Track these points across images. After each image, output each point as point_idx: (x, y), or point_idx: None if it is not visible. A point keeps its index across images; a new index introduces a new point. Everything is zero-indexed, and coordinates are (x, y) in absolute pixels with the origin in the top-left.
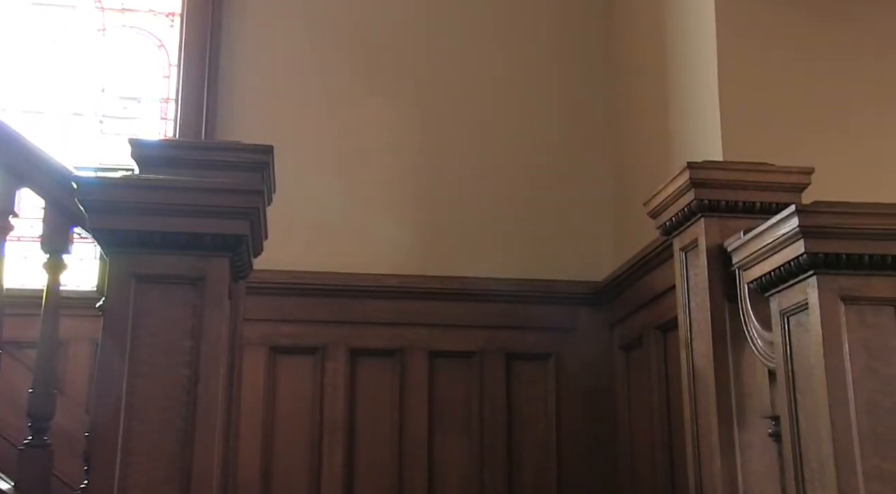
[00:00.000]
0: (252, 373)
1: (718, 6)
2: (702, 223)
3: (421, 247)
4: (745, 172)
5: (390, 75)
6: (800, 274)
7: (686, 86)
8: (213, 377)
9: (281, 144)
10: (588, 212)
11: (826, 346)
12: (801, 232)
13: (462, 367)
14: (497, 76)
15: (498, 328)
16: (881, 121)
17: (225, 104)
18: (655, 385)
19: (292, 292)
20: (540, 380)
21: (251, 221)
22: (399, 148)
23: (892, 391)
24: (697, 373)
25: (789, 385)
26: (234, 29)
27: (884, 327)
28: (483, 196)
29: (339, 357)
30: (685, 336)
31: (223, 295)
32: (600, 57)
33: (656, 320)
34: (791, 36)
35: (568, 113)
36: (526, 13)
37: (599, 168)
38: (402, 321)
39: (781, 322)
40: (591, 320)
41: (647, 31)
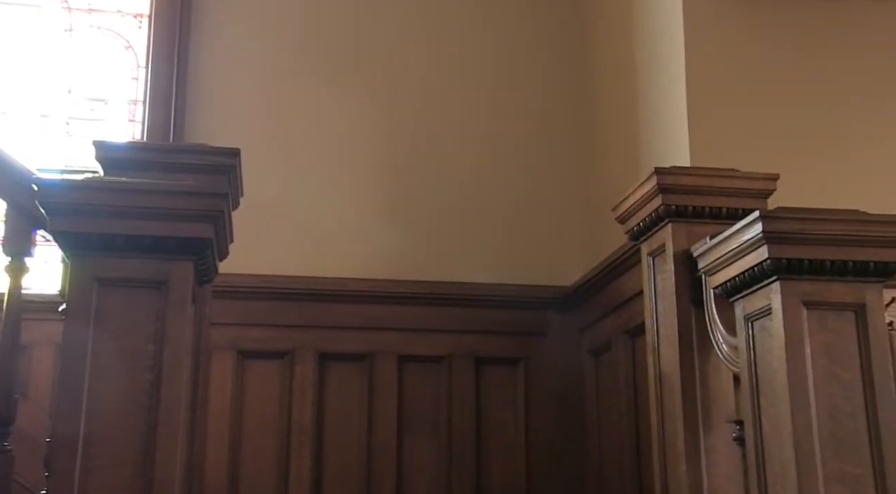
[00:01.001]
0: (220, 377)
1: (687, 16)
2: (669, 228)
3: (390, 251)
4: (712, 178)
5: (361, 78)
6: (763, 280)
7: (655, 93)
8: (177, 381)
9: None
10: (558, 217)
11: (788, 351)
12: (765, 237)
13: (431, 372)
14: (469, 81)
15: (467, 332)
16: (845, 129)
17: (194, 106)
18: (623, 389)
19: (260, 296)
20: (509, 385)
21: (215, 224)
22: (369, 152)
23: (852, 395)
24: (664, 378)
25: (753, 389)
26: (203, 30)
27: (844, 332)
28: (453, 201)
29: (308, 361)
30: (652, 341)
31: (186, 298)
32: (571, 65)
33: (625, 325)
34: (757, 45)
35: (538, 119)
36: (498, 20)
37: (569, 173)
38: (371, 325)
39: (746, 327)
40: (560, 325)
41: (617, 40)
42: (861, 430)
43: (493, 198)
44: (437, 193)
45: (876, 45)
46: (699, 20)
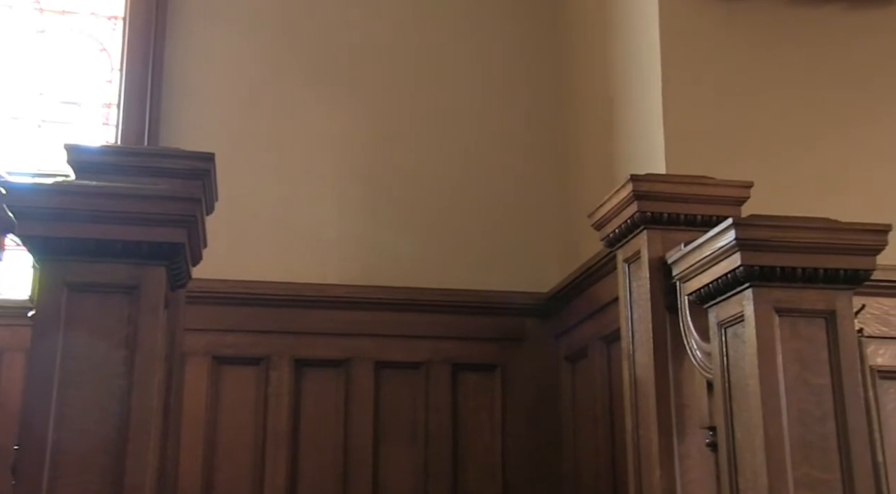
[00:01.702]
0: (194, 383)
1: (663, 25)
2: (644, 235)
3: (367, 257)
4: (687, 185)
5: (338, 82)
6: (736, 287)
7: (631, 101)
8: (148, 387)
9: (225, 151)
10: (535, 224)
11: (760, 357)
12: (738, 245)
13: (408, 378)
14: (449, 88)
15: (444, 338)
16: (818, 138)
17: (169, 110)
18: (599, 395)
19: (236, 301)
20: (486, 391)
21: (188, 229)
22: (346, 157)
23: (823, 401)
24: (639, 384)
25: (725, 395)
26: (179, 33)
27: (815, 338)
28: (431, 207)
29: (284, 367)
30: (627, 347)
31: (159, 304)
32: (548, 72)
33: (601, 331)
34: (733, 54)
35: (515, 125)
36: (479, 29)
37: (546, 180)
38: (348, 331)
39: (719, 333)
40: (537, 331)
41: (594, 48)
42: (830, 436)
43: (471, 204)
44: (415, 200)
45: (851, 55)
46: (675, 28)
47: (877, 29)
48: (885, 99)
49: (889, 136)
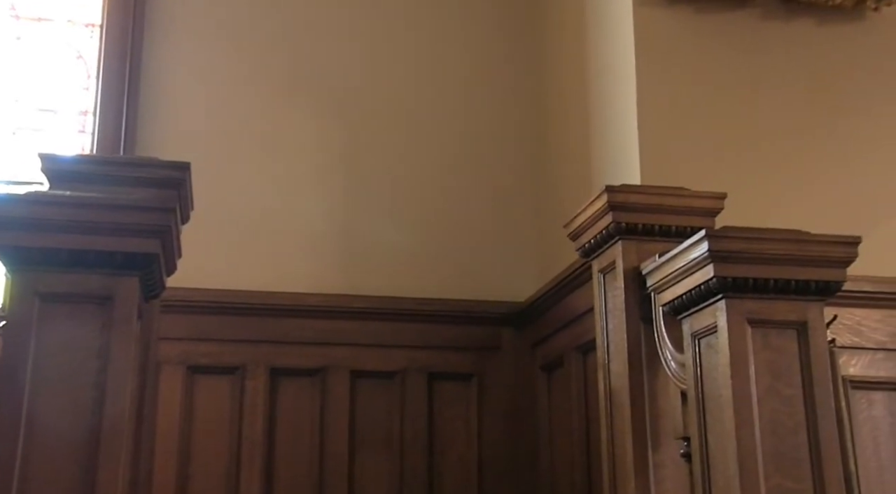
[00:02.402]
0: (169, 393)
1: (638, 39)
2: (619, 246)
3: (343, 266)
4: (662, 196)
5: (314, 92)
6: (709, 298)
7: (606, 112)
8: (120, 398)
9: (202, 160)
10: (511, 233)
11: (733, 368)
12: (711, 256)
13: (384, 387)
14: (422, 95)
15: (420, 348)
16: (791, 149)
17: (145, 118)
18: (575, 405)
19: (212, 310)
20: (462, 400)
21: (162, 240)
22: (322, 166)
23: (794, 411)
24: (614, 394)
25: (699, 406)
26: (156, 42)
27: (786, 349)
28: (406, 216)
29: (259, 376)
30: (602, 357)
31: (132, 314)
32: (524, 81)
33: (576, 341)
34: (707, 68)
35: (493, 134)
36: (451, 37)
37: (523, 190)
38: (324, 340)
39: (692, 344)
40: (513, 340)
41: (570, 59)
42: (802, 446)
43: (448, 213)
44: (392, 209)
45: (823, 68)
46: (650, 41)
47: (847, 42)
48: (856, 111)
49: (860, 148)
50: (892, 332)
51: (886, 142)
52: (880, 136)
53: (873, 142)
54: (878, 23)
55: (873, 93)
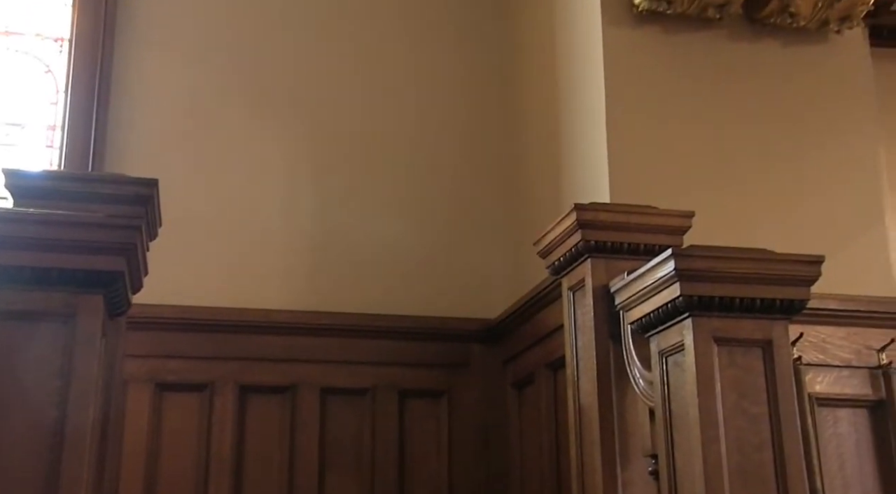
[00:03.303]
0: (136, 411)
1: (607, 59)
2: (588, 263)
3: (313, 282)
4: (630, 215)
5: (285, 108)
6: (676, 316)
7: (576, 130)
8: (83, 418)
9: (171, 175)
10: (483, 250)
11: (700, 386)
12: (677, 275)
13: (354, 404)
14: (395, 115)
15: (391, 364)
16: (756, 169)
17: (114, 133)
18: (545, 422)
19: (180, 327)
20: (433, 417)
21: (128, 257)
22: (291, 181)
23: (760, 429)
24: (583, 412)
25: (667, 423)
26: (126, 56)
27: (752, 367)
28: (377, 232)
29: (228, 393)
30: (572, 374)
31: (96, 333)
32: (495, 100)
33: (547, 358)
34: (674, 88)
35: (463, 151)
36: (423, 59)
37: (494, 207)
38: (293, 357)
39: (660, 362)
40: (484, 357)
41: (540, 77)
42: (767, 463)
43: (419, 229)
44: (361, 225)
45: (788, 88)
46: (619, 60)
47: (811, 64)
48: (820, 131)
49: (825, 168)
50: (857, 350)
51: (850, 162)
52: (844, 156)
53: (837, 162)
54: (840, 45)
55: (836, 113)
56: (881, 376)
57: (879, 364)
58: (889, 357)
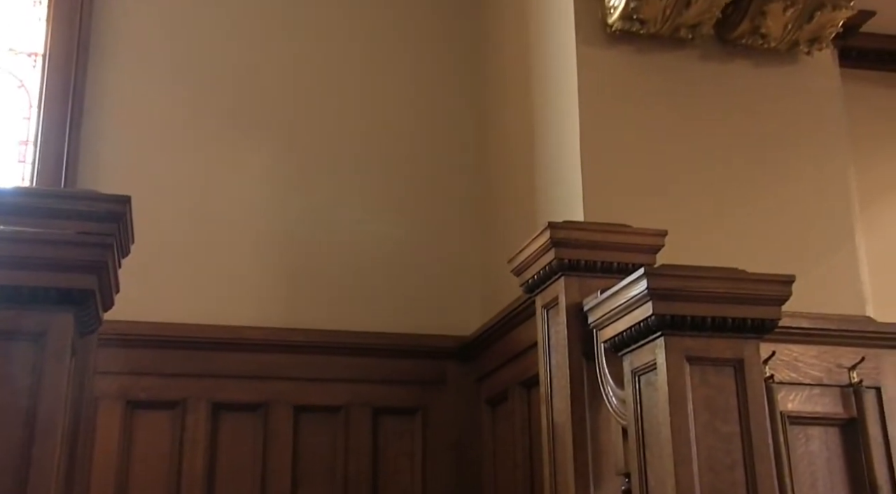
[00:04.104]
0: (107, 429)
1: (581, 78)
2: (562, 282)
3: (287, 299)
4: (603, 233)
5: (258, 124)
6: (649, 335)
7: (550, 149)
8: (51, 438)
9: (144, 192)
10: (457, 267)
11: (672, 405)
12: (650, 294)
13: (327, 422)
14: (368, 131)
15: (365, 382)
16: (728, 188)
17: (87, 149)
18: (519, 440)
19: (152, 344)
20: (407, 435)
21: (99, 275)
22: (265, 198)
23: (732, 448)
24: (556, 430)
25: (639, 442)
26: (100, 72)
27: (724, 386)
28: (351, 249)
29: (200, 411)
30: (546, 392)
31: (65, 351)
32: (471, 118)
33: (521, 376)
34: (648, 107)
35: (438, 169)
36: (398, 75)
37: (468, 224)
38: (267, 374)
39: (633, 381)
40: (458, 374)
41: (515, 96)
42: (739, 483)
43: (393, 246)
44: (335, 242)
45: (759, 108)
46: (593, 79)
47: (783, 85)
48: (791, 151)
49: (797, 186)
50: (828, 368)
51: (821, 182)
52: (815, 176)
53: (808, 181)
54: (810, 66)
55: (807, 133)
56: (852, 394)
57: (850, 382)
58: (859, 375)
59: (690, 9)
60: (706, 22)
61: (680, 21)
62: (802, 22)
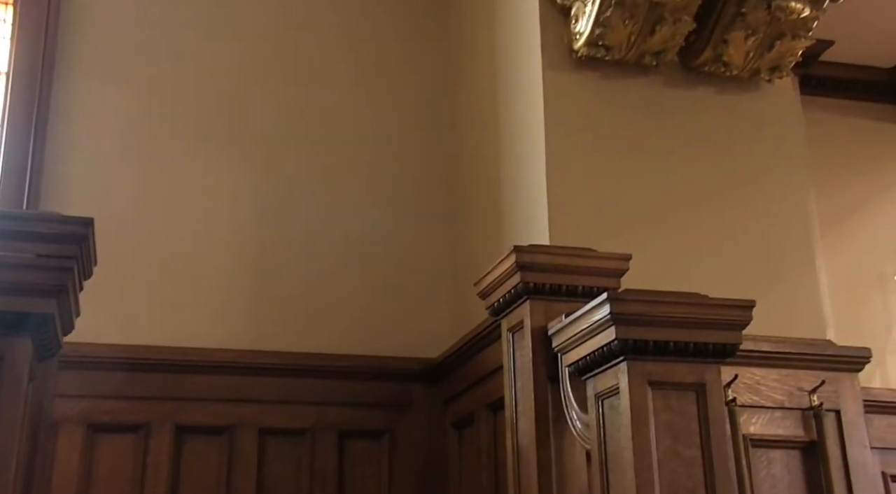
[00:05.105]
0: (67, 454)
1: (547, 104)
2: (527, 305)
3: (253, 320)
4: (569, 257)
5: (224, 143)
6: (612, 360)
7: (517, 173)
8: (5, 467)
9: (109, 212)
10: (424, 289)
11: (634, 429)
12: (613, 318)
13: (293, 445)
14: (336, 153)
15: (331, 404)
16: (692, 212)
17: (51, 168)
18: (485, 463)
19: (115, 366)
20: (373, 458)
21: (59, 299)
22: (232, 219)
23: (694, 472)
24: (521, 453)
25: (602, 466)
26: (65, 90)
27: (686, 411)
28: (318, 271)
29: (164, 434)
30: (511, 416)
31: (22, 377)
32: (439, 140)
33: (487, 399)
34: (613, 132)
35: (405, 192)
36: (366, 94)
37: (436, 247)
38: (232, 397)
39: (596, 405)
40: (425, 397)
41: (482, 119)
42: None
43: (361, 268)
44: (303, 263)
45: (722, 134)
46: (559, 105)
47: (745, 111)
48: (753, 176)
49: (759, 212)
50: (790, 391)
51: (782, 207)
52: (777, 201)
53: (770, 206)
54: (771, 93)
55: (768, 158)
56: (812, 417)
57: (811, 405)
58: (820, 398)
59: (655, 36)
60: (670, 49)
61: (644, 48)
62: (763, 51)
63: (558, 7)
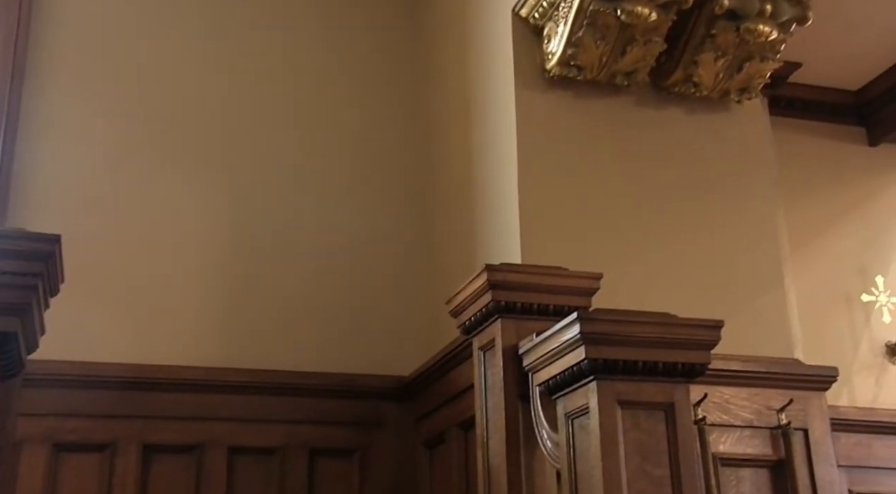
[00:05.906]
0: (29, 474)
1: (519, 124)
2: (498, 324)
3: (222, 338)
4: (540, 276)
5: (195, 158)
6: (582, 379)
7: (489, 192)
8: None
9: (77, 226)
10: (396, 307)
11: (604, 449)
12: (583, 338)
13: (263, 464)
14: (307, 167)
15: (301, 422)
16: (663, 232)
17: (19, 183)
18: (456, 482)
19: (80, 384)
20: (344, 477)
21: (22, 318)
22: (204, 236)
23: (663, 492)
24: (492, 472)
25: (572, 485)
26: (34, 104)
27: (655, 430)
28: (289, 288)
29: (131, 453)
30: (482, 434)
31: None
32: (410, 159)
33: (458, 417)
34: (585, 152)
35: (377, 209)
36: (339, 107)
37: (409, 264)
38: (200, 415)
39: (566, 424)
40: (396, 415)
41: (456, 137)
42: None
43: (332, 285)
44: (275, 280)
45: (694, 154)
46: (532, 125)
47: (715, 131)
48: (722, 196)
49: (727, 231)
50: (759, 410)
51: (751, 226)
52: (746, 220)
53: (739, 225)
54: (741, 114)
55: (738, 178)
56: (781, 436)
57: (779, 424)
58: (788, 417)
59: (626, 57)
60: (641, 69)
61: (616, 68)
62: (732, 72)
63: (531, 27)
